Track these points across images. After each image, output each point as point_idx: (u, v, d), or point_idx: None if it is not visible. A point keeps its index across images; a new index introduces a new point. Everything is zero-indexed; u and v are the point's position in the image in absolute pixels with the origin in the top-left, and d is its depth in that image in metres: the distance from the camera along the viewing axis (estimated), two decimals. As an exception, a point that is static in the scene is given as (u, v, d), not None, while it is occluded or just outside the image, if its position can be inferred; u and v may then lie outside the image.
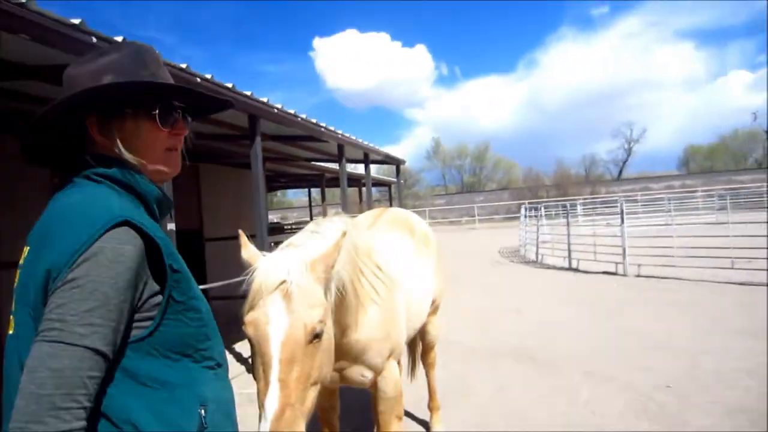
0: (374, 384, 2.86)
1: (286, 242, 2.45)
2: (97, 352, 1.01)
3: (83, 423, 0.98)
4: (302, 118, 6.40)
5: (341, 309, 2.42)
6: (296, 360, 1.77)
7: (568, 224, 14.46)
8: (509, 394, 4.88)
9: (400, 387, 2.96)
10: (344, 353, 2.65)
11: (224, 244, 8.32)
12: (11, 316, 1.14)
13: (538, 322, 7.52)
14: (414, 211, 4.57)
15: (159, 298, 1.14)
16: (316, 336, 1.85)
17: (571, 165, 59.62)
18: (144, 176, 1.25)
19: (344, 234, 2.10)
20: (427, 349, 4.44)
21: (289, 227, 20.26)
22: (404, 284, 3.24)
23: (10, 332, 1.13)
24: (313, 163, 12.91)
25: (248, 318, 1.90)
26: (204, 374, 1.21)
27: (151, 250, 1.12)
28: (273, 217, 33.87)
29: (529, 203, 28.03)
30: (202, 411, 1.16)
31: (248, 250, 2.11)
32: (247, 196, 10.57)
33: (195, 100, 1.35)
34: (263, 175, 5.56)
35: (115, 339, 1.05)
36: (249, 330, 1.88)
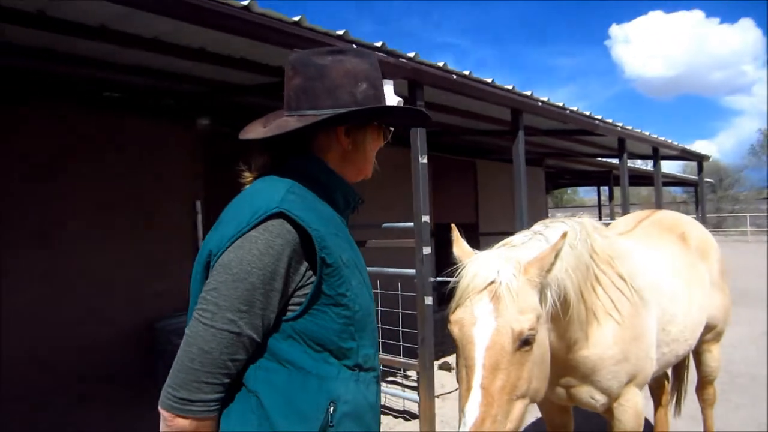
0: (609, 410, 2.50)
1: (503, 241, 2.30)
2: (244, 336, 1.10)
3: (221, 395, 1.11)
4: (572, 111, 6.00)
5: (566, 320, 2.16)
6: (501, 368, 1.66)
7: None
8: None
9: (640, 419, 2.53)
10: (571, 369, 2.37)
11: (499, 239, 8.31)
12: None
13: None
14: (730, 217, 3.76)
15: (311, 287, 1.17)
16: (526, 343, 1.71)
17: None
18: (334, 173, 1.32)
19: (564, 235, 1.86)
20: (703, 383, 3.74)
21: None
22: (661, 300, 2.74)
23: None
24: (599, 159, 12.06)
25: (454, 317, 1.85)
26: (343, 372, 1.19)
27: (310, 242, 1.15)
28: (562, 216, 32.65)
29: None
30: (331, 408, 1.15)
31: (460, 246, 2.07)
32: (528, 193, 10.43)
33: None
34: (525, 171, 5.38)
35: (263, 324, 1.12)
36: (454, 330, 1.83)
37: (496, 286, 1.75)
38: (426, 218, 4.18)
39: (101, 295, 5.36)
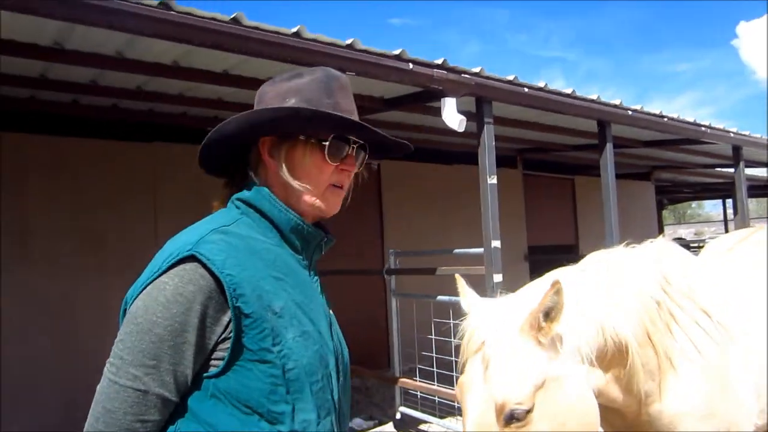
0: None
1: (547, 275, 2.01)
2: (152, 395, 0.97)
3: None
4: (671, 119, 5.39)
5: (628, 370, 1.82)
6: None
7: None
8: None
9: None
10: (645, 427, 2.01)
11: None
12: None
13: None
14: None
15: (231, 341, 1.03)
16: (514, 419, 1.40)
17: None
18: (281, 204, 1.17)
19: (556, 284, 1.48)
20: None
21: (696, 245, 17.65)
22: (758, 338, 2.28)
23: None
24: (718, 170, 10.91)
25: (459, 380, 1.64)
26: None
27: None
28: (685, 233, 30.15)
29: None
30: None
31: (466, 297, 1.79)
32: (631, 210, 9.64)
33: (374, 138, 1.25)
34: (615, 186, 4.90)
35: (175, 381, 0.99)
36: (457, 395, 1.62)
37: (485, 347, 1.51)
38: (496, 243, 3.89)
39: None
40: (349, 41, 3.34)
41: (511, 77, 4.15)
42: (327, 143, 1.17)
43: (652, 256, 2.07)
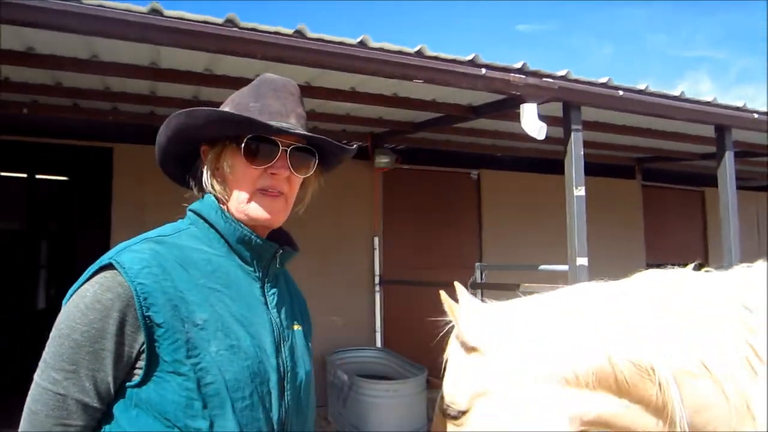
0: None
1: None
2: (71, 399, 0.97)
3: None
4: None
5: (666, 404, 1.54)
6: None
7: None
8: None
9: None
10: None
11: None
12: None
13: None
14: None
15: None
16: (449, 415, 1.36)
17: None
18: (227, 214, 1.15)
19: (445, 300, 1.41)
20: None
21: None
22: None
23: None
24: None
25: None
26: None
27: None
28: None
29: None
30: None
31: (461, 303, 1.64)
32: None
33: (319, 142, 1.20)
34: (734, 199, 4.31)
35: (95, 387, 0.98)
36: None
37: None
38: (582, 261, 3.57)
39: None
40: (417, 48, 3.27)
41: (604, 79, 3.81)
42: (243, 145, 1.12)
43: (736, 281, 1.75)
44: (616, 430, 1.35)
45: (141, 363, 1.00)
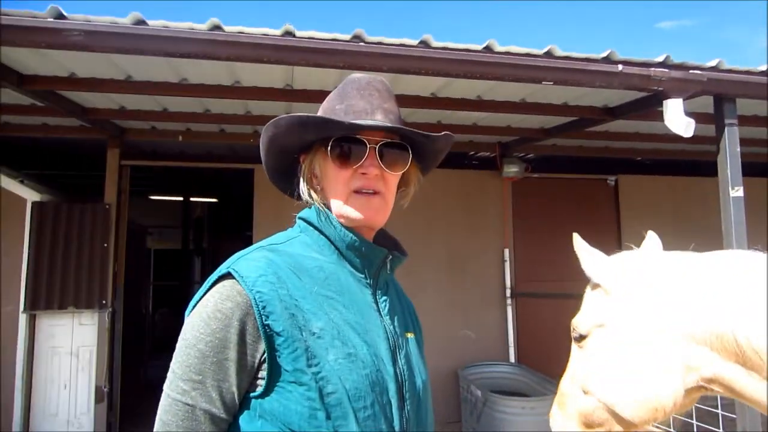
0: None
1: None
2: (199, 410, 0.97)
3: None
4: None
5: None
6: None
7: None
8: None
9: None
10: None
11: None
12: None
13: None
14: None
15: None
16: (573, 337, 1.49)
17: None
18: (334, 220, 1.14)
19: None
20: None
21: None
22: None
23: None
24: None
25: None
26: None
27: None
28: None
29: None
30: None
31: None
32: None
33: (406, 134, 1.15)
34: None
35: (221, 398, 0.98)
36: None
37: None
38: (744, 269, 3.16)
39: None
40: (546, 49, 3.14)
41: (763, 67, 3.39)
42: (329, 147, 1.11)
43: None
44: (736, 394, 1.24)
45: (263, 373, 0.99)
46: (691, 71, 3.28)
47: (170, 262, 9.65)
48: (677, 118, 3.23)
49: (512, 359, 5.91)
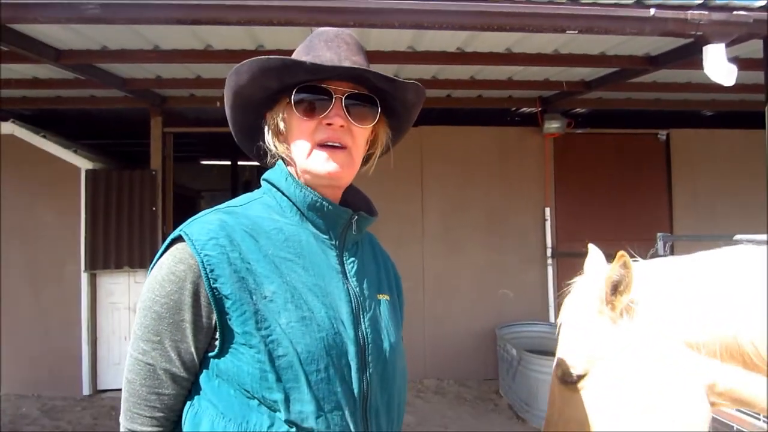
0: None
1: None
2: (159, 369, 0.99)
3: (160, 429, 1.02)
4: None
5: None
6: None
7: None
8: None
9: None
10: None
11: None
12: None
13: None
14: None
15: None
16: (566, 381, 1.30)
17: None
18: (296, 180, 1.10)
19: (621, 256, 1.18)
20: None
21: None
22: None
23: None
24: None
25: None
26: (279, 427, 0.97)
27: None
28: None
29: None
30: None
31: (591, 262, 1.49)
32: None
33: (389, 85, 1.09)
34: None
35: (180, 357, 1.00)
36: None
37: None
38: (788, 226, 2.98)
39: (453, 298, 5.83)
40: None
41: None
42: (292, 96, 1.06)
43: None
44: (749, 404, 1.20)
45: (218, 334, 0.99)
46: (734, 12, 3.03)
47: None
48: (718, 66, 3.01)
49: (552, 319, 5.84)
